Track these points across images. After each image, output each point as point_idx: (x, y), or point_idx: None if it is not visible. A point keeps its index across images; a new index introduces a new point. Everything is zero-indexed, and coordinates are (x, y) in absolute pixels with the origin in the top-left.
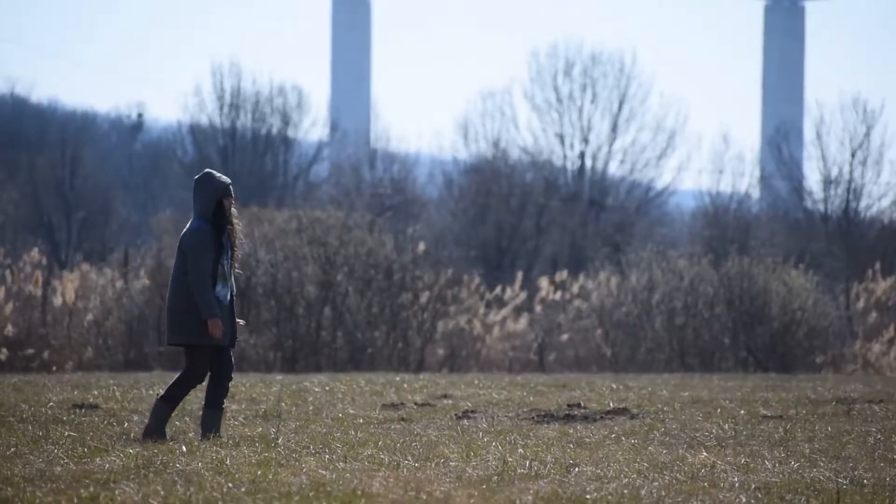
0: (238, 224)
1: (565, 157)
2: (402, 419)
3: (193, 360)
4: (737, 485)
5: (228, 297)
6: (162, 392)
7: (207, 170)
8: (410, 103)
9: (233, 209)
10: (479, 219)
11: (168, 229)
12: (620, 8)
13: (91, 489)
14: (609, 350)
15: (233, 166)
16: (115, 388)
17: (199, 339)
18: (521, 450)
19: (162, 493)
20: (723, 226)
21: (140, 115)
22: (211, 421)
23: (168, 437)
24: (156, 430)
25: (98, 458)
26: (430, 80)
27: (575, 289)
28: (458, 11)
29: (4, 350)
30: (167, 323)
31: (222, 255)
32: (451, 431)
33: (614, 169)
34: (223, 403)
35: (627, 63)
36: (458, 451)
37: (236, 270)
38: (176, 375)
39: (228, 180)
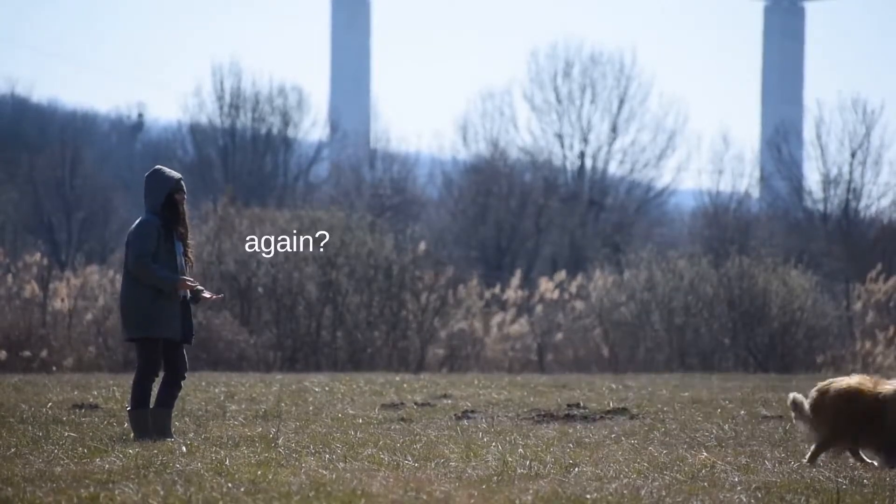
0: (187, 219)
1: (565, 157)
2: (402, 419)
3: (144, 353)
4: (737, 485)
5: (187, 293)
6: (128, 405)
7: (158, 166)
8: (410, 104)
9: (185, 206)
10: (479, 219)
11: None
12: (620, 8)
13: (91, 489)
14: (608, 350)
15: (233, 166)
16: (114, 388)
17: (148, 332)
18: (520, 450)
19: (161, 493)
20: (722, 226)
21: (140, 116)
22: (160, 420)
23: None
24: (143, 435)
25: (98, 459)
26: (430, 80)
27: (574, 289)
28: (458, 12)
29: (4, 350)
30: (120, 319)
31: (175, 249)
32: (450, 431)
33: (614, 169)
34: (174, 403)
35: (627, 63)
36: (458, 451)
37: (190, 262)
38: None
39: (178, 175)
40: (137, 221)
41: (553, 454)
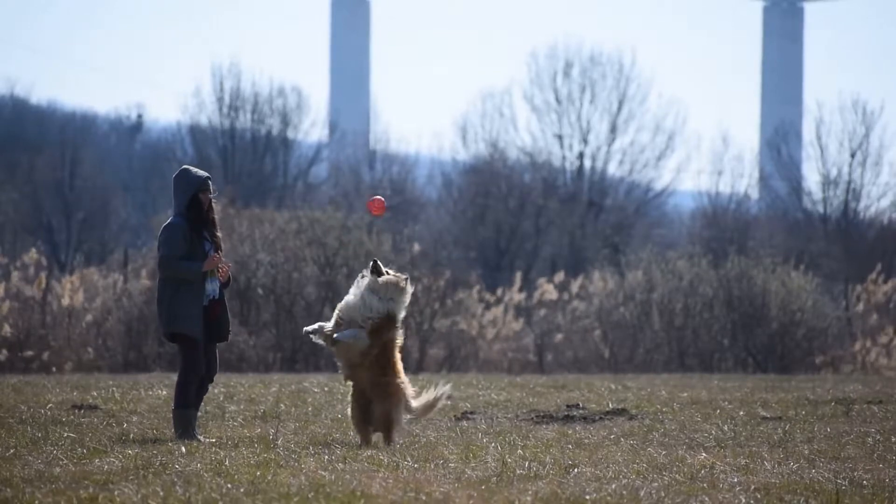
0: (215, 218)
1: (564, 157)
2: None
3: (184, 352)
4: (736, 486)
5: (217, 292)
6: (173, 404)
7: (185, 166)
8: (410, 104)
9: (214, 204)
10: (478, 219)
11: None
12: (620, 8)
13: (90, 490)
14: (608, 351)
15: (232, 167)
16: (114, 389)
17: (172, 327)
18: (520, 451)
19: (161, 493)
20: (722, 226)
21: (140, 116)
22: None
23: (196, 437)
24: (184, 435)
25: (97, 460)
26: (430, 80)
27: (574, 289)
28: (457, 12)
29: (4, 351)
30: (157, 316)
31: (199, 250)
32: (450, 432)
33: (613, 169)
34: (199, 403)
35: (626, 64)
36: (458, 452)
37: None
38: (175, 376)
39: (205, 175)
40: (166, 224)
41: (552, 455)
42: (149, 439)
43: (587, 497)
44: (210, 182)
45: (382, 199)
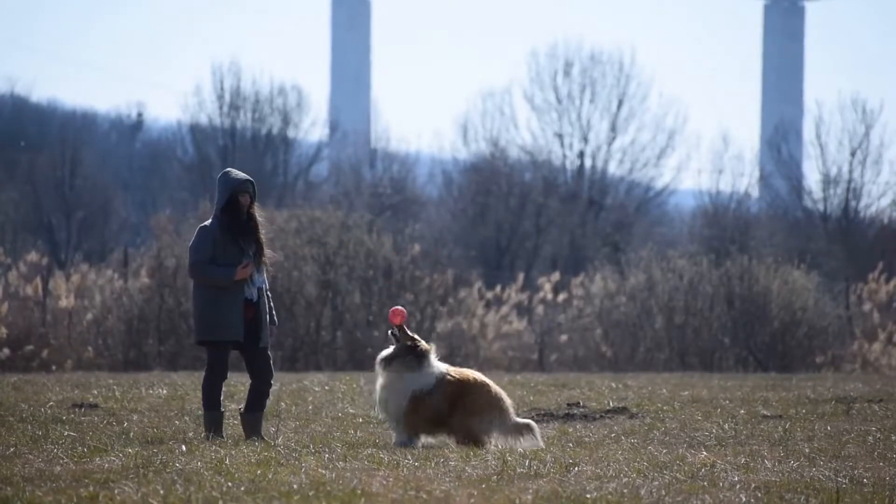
0: (261, 220)
1: (564, 156)
2: None
3: (209, 356)
4: (736, 484)
5: (255, 296)
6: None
7: (228, 168)
8: (410, 103)
9: (255, 207)
10: (479, 218)
11: (167, 229)
12: (620, 8)
13: (90, 489)
14: (609, 349)
15: (232, 166)
16: (114, 387)
17: (210, 335)
18: (520, 449)
19: (161, 492)
20: (722, 225)
21: (140, 115)
22: (246, 424)
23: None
24: (215, 436)
25: (97, 458)
26: (430, 80)
27: (574, 288)
28: (457, 11)
29: (5, 349)
30: (193, 321)
31: (231, 252)
32: None
33: (614, 168)
34: (260, 405)
35: (627, 63)
36: (458, 450)
37: (267, 268)
38: (176, 375)
39: (244, 177)
40: (199, 225)
41: (553, 453)
42: (149, 438)
43: (588, 495)
44: (250, 184)
45: (402, 309)
